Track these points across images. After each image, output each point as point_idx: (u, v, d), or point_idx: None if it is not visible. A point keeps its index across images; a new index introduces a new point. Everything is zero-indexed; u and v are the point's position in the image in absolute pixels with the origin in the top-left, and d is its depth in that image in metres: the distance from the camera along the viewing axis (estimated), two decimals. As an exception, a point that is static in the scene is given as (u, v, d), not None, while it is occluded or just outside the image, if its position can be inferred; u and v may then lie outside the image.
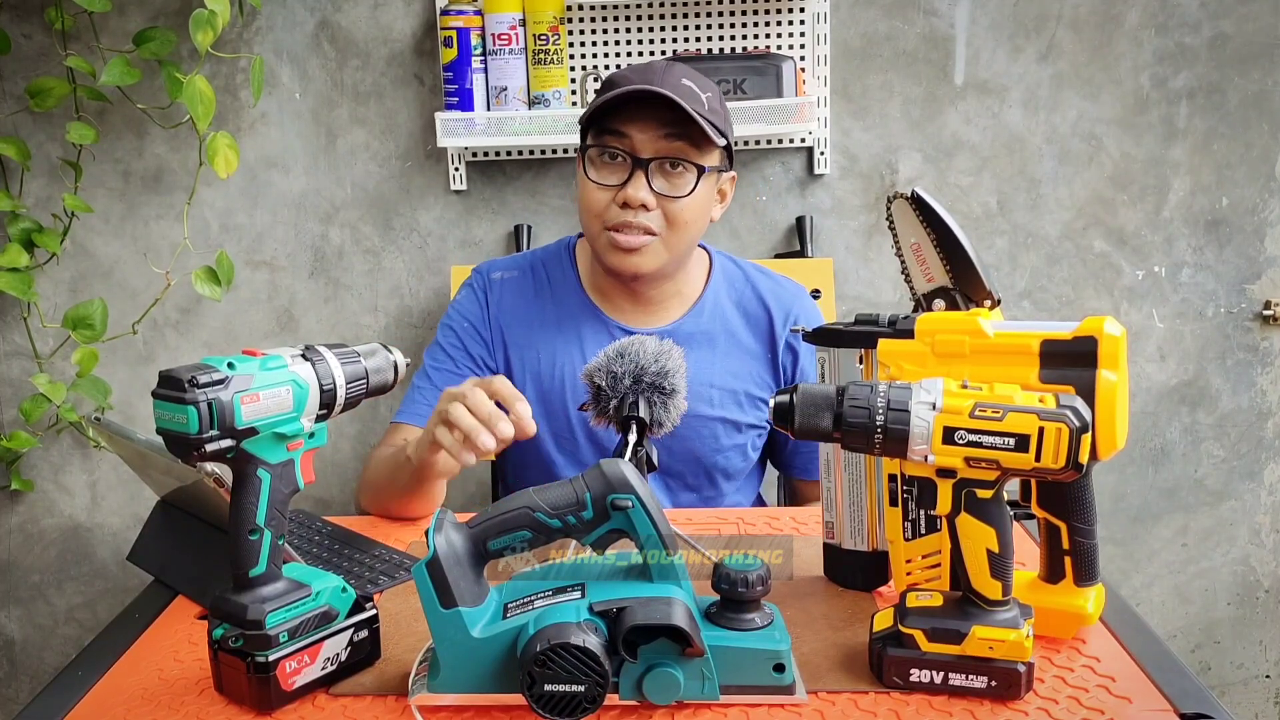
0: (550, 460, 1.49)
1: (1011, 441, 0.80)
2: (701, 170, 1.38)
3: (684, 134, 1.36)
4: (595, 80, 2.00)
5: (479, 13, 1.94)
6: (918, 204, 0.99)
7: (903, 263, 1.01)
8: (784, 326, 1.52)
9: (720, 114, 1.39)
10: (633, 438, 1.06)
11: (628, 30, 2.01)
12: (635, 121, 1.36)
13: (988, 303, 0.96)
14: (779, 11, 1.99)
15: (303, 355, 0.87)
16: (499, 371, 1.52)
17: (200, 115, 1.84)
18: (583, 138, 1.44)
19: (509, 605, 0.84)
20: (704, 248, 1.56)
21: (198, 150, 2.04)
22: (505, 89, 1.96)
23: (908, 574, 0.98)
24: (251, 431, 0.82)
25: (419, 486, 1.30)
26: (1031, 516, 0.95)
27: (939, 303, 0.98)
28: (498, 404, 1.16)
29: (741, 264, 1.58)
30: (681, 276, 1.50)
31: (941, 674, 0.85)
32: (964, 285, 0.96)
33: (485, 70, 1.96)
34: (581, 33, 2.01)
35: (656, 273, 1.43)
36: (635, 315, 1.50)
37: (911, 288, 1.02)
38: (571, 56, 2.01)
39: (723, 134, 1.38)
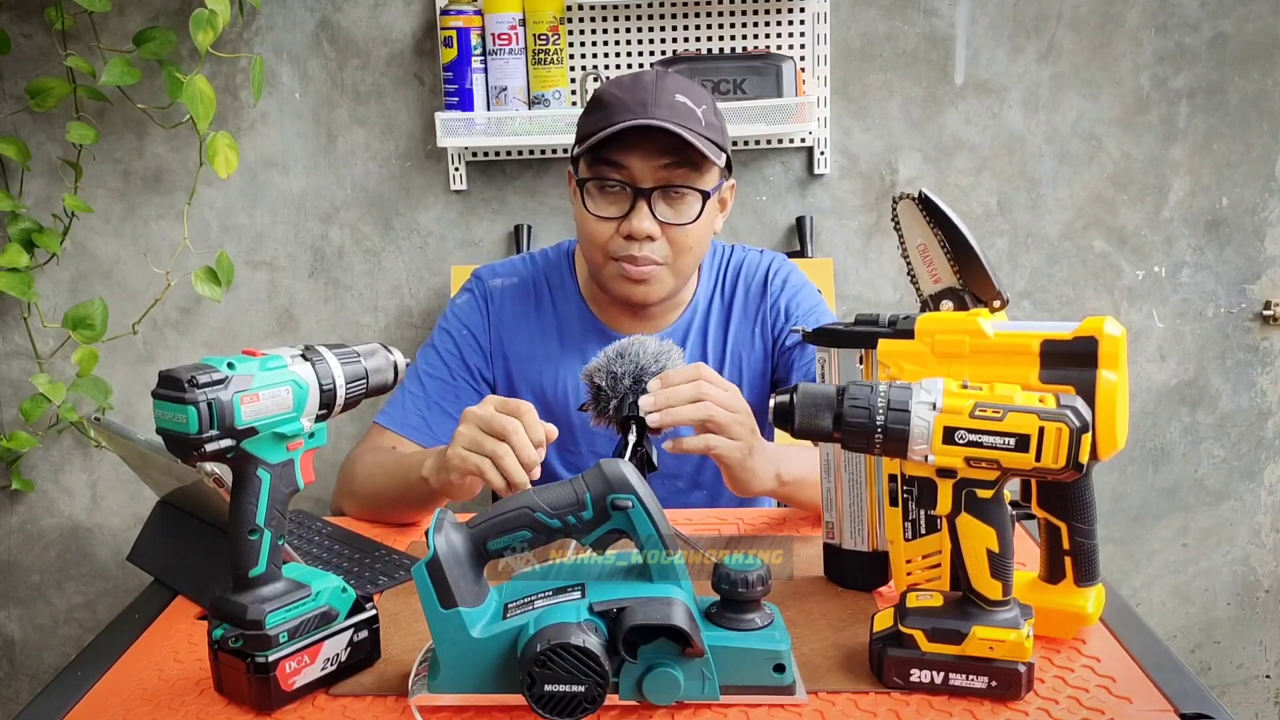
0: (555, 473, 1.47)
1: (1012, 441, 0.80)
2: (706, 195, 1.34)
3: (684, 160, 1.31)
4: (595, 80, 2.00)
5: (479, 13, 1.94)
6: (925, 205, 0.98)
7: (909, 264, 1.00)
8: (764, 290, 1.50)
9: (717, 126, 1.34)
10: (633, 438, 1.06)
11: (628, 30, 2.01)
12: (634, 151, 1.30)
13: (996, 303, 0.95)
14: (779, 11, 2.00)
15: (303, 355, 0.87)
16: (496, 383, 1.50)
17: (200, 115, 1.84)
18: (575, 162, 1.39)
19: (509, 605, 0.84)
20: None
21: (198, 150, 2.04)
22: (505, 89, 1.96)
23: (908, 574, 0.98)
24: (251, 431, 0.82)
25: (433, 503, 1.26)
26: (1031, 516, 0.95)
27: (946, 304, 0.97)
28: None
29: (725, 246, 1.56)
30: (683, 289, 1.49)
31: (942, 674, 0.85)
32: (973, 286, 0.95)
33: (485, 70, 1.96)
34: (581, 33, 2.01)
35: (665, 298, 1.42)
36: (635, 326, 1.48)
37: (918, 289, 1.01)
38: (571, 56, 2.01)
39: (722, 149, 1.34)
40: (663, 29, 2.01)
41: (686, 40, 2.01)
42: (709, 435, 1.11)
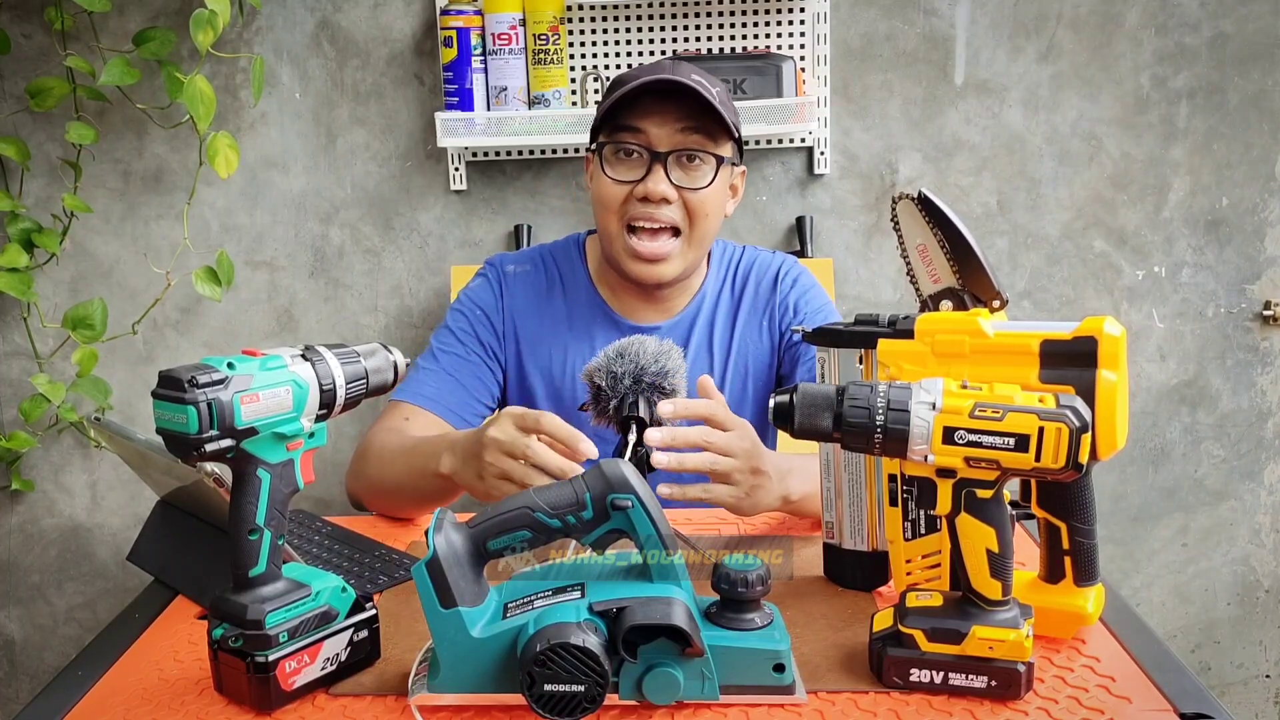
0: None
1: (1011, 441, 0.80)
2: (720, 160, 1.39)
3: (700, 126, 1.36)
4: (595, 80, 2.00)
5: (479, 13, 1.94)
6: (925, 205, 0.98)
7: (908, 264, 1.00)
8: (774, 286, 1.52)
9: (729, 107, 1.40)
10: (633, 437, 1.06)
11: (628, 30, 2.01)
12: (651, 116, 1.36)
13: (996, 303, 0.95)
14: (779, 11, 2.00)
15: (302, 355, 0.87)
16: (506, 363, 1.52)
17: (200, 115, 1.84)
18: (594, 136, 1.43)
19: (509, 605, 0.84)
20: None
21: (198, 150, 2.04)
22: (505, 89, 1.96)
23: (908, 574, 0.98)
24: (251, 431, 0.82)
25: (444, 499, 1.27)
26: (1031, 516, 0.95)
27: (946, 304, 0.97)
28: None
29: (736, 246, 1.59)
30: (693, 275, 1.51)
31: (941, 674, 0.85)
32: (972, 286, 0.95)
33: (485, 70, 1.96)
34: (581, 33, 2.01)
35: (678, 278, 1.45)
36: (644, 312, 1.51)
37: (917, 289, 1.01)
38: (571, 56, 2.01)
39: (735, 126, 1.39)
40: (662, 29, 2.01)
41: (686, 40, 2.01)
42: (709, 485, 1.12)
